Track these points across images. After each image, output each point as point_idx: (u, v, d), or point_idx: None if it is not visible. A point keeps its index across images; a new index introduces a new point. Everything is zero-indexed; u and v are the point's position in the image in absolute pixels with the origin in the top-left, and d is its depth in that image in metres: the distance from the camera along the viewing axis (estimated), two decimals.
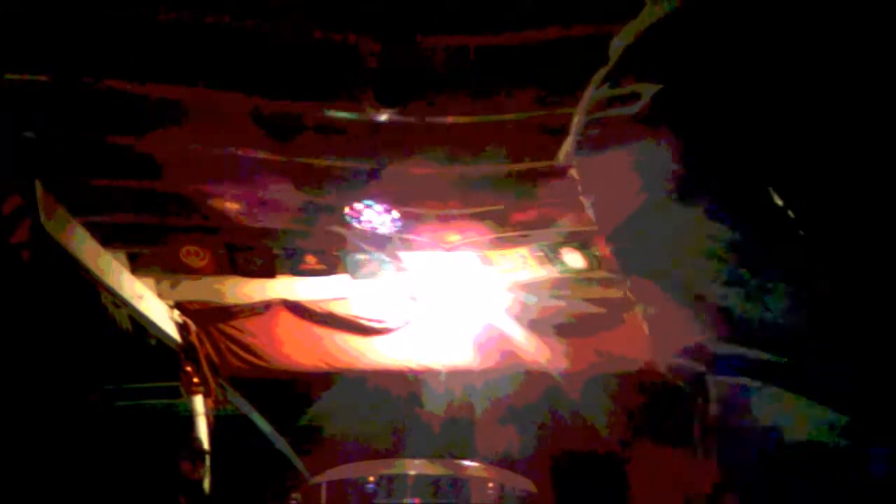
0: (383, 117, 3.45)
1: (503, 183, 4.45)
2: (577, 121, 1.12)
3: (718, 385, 0.88)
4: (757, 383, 0.84)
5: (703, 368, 0.90)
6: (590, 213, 1.12)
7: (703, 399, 0.90)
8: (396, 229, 4.83)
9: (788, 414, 0.81)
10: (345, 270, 5.56)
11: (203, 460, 5.62)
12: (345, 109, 3.65)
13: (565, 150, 1.16)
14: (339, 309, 6.00)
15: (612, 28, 1.14)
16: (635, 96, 0.99)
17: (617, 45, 1.10)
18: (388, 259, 5.49)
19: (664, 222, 0.95)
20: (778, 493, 0.81)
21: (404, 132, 3.79)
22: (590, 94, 1.12)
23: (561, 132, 1.20)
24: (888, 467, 0.76)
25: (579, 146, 1.11)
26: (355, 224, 4.73)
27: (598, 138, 1.06)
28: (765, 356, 0.83)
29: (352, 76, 3.30)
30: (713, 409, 0.89)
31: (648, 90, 0.97)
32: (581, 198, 1.14)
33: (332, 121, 3.76)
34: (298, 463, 8.00)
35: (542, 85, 3.41)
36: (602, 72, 1.11)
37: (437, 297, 5.96)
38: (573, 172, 1.15)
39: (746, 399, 0.84)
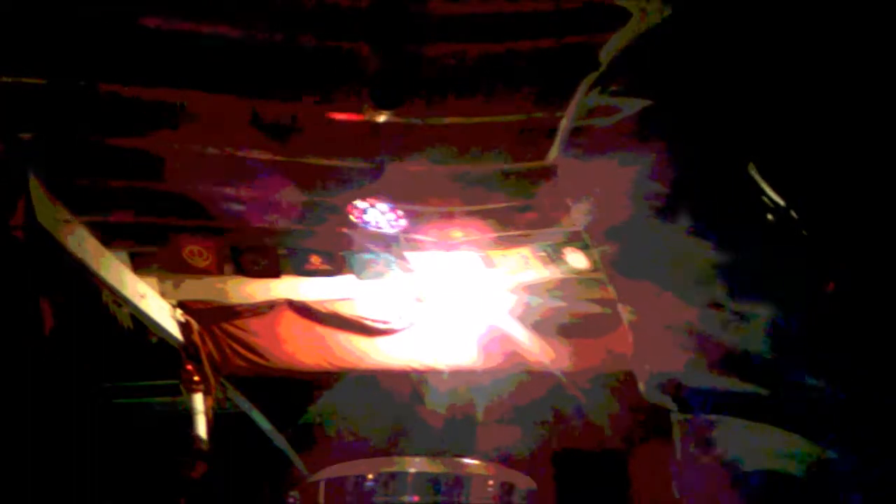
0: (381, 118, 3.46)
1: (504, 181, 4.45)
2: (563, 125, 1.12)
3: (687, 423, 0.89)
4: (725, 417, 0.84)
5: (672, 406, 0.90)
6: (574, 216, 1.12)
7: (672, 435, 0.90)
8: (401, 228, 4.83)
9: (756, 446, 0.81)
10: (350, 271, 5.56)
11: (202, 458, 5.63)
12: (343, 111, 3.67)
13: (553, 152, 1.16)
14: (344, 309, 6.00)
15: (603, 38, 1.14)
16: (621, 108, 0.99)
17: (606, 54, 1.10)
18: (393, 259, 5.49)
19: (648, 237, 0.95)
20: None
21: (404, 132, 3.80)
22: (578, 99, 1.12)
23: (557, 133, 1.20)
24: (859, 497, 0.76)
25: (566, 150, 1.11)
26: (360, 224, 4.73)
27: (584, 146, 1.06)
28: (738, 386, 0.83)
29: (349, 79, 3.31)
30: (681, 446, 0.89)
31: (634, 104, 0.97)
32: (566, 200, 1.15)
33: (332, 122, 3.78)
34: (297, 461, 8.00)
35: (538, 88, 3.42)
36: (591, 78, 1.11)
37: (441, 298, 5.96)
38: (559, 174, 1.15)
39: (713, 434, 0.85)
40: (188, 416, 5.81)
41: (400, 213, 4.68)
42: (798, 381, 0.81)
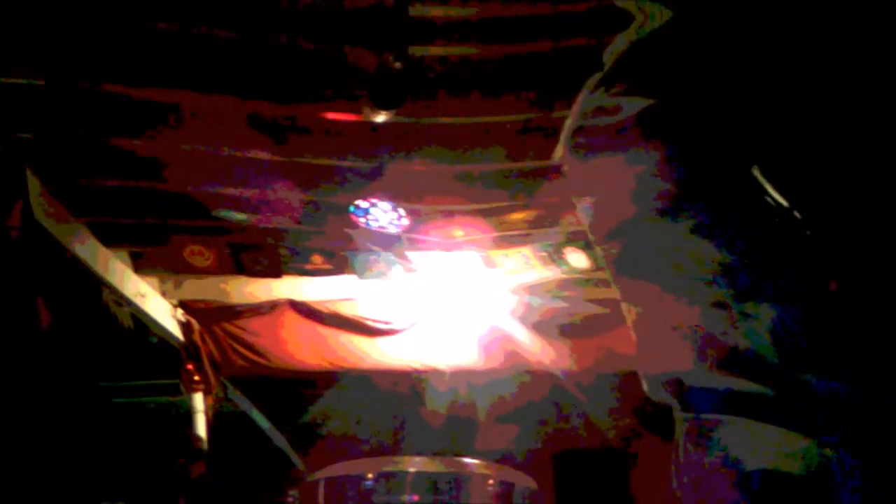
0: (381, 118, 3.46)
1: (505, 181, 4.46)
2: (568, 124, 1.12)
3: (689, 422, 0.88)
4: (728, 417, 0.83)
5: (676, 404, 0.90)
6: (580, 214, 1.12)
7: (674, 434, 0.90)
8: (403, 228, 4.83)
9: (759, 445, 0.81)
10: (352, 271, 5.56)
11: (201, 457, 5.63)
12: (343, 111, 3.67)
13: (559, 151, 1.16)
14: (346, 309, 6.00)
15: (604, 40, 1.14)
16: (624, 107, 0.98)
17: (610, 54, 1.10)
18: (395, 259, 5.48)
19: (652, 237, 0.95)
20: None
21: (404, 132, 3.81)
22: (582, 99, 1.11)
23: (557, 134, 1.20)
24: (859, 496, 0.76)
25: (570, 149, 1.11)
26: (362, 223, 4.73)
27: (588, 145, 1.06)
28: (742, 386, 0.82)
29: (349, 80, 3.31)
30: (682, 446, 0.89)
31: (637, 103, 0.97)
32: (573, 199, 1.14)
33: (332, 122, 3.79)
34: (297, 461, 8.01)
35: (538, 89, 3.42)
36: (595, 78, 1.11)
37: (442, 298, 5.96)
38: (566, 172, 1.15)
39: (716, 434, 0.84)
40: (188, 415, 5.82)
41: (401, 212, 4.68)
42: (801, 381, 0.81)
